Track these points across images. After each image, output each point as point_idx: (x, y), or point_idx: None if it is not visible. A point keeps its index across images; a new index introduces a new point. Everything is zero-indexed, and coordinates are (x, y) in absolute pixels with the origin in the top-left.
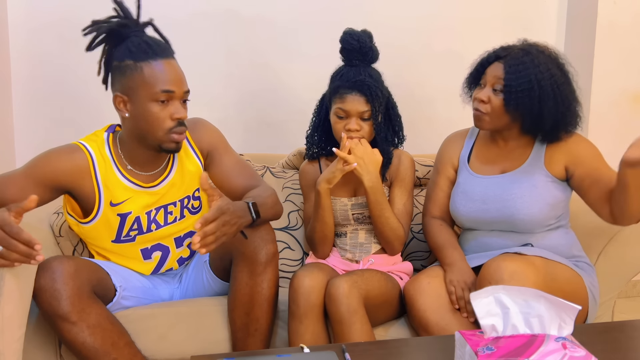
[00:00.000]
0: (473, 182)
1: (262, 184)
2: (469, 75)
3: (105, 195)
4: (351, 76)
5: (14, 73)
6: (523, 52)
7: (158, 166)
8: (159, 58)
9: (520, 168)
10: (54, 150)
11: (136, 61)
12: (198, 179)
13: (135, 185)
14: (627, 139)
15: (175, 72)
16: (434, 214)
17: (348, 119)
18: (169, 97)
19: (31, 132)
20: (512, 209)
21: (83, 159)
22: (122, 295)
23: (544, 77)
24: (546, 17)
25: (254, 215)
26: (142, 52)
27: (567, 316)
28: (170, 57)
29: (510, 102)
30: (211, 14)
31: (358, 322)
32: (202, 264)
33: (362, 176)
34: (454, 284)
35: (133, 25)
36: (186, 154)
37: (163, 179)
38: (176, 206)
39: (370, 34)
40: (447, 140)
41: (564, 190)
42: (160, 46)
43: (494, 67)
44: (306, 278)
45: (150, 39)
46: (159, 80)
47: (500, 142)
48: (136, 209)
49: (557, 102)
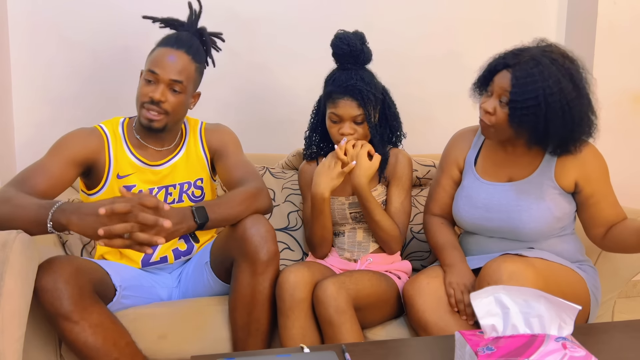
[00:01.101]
0: (478, 187)
1: (250, 182)
2: (478, 79)
3: (114, 167)
4: (343, 81)
5: (14, 73)
6: (534, 62)
7: (166, 144)
8: (166, 46)
9: (528, 178)
10: (75, 131)
11: (156, 45)
12: (202, 170)
13: (140, 162)
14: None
15: (169, 59)
16: (435, 212)
17: (341, 123)
18: (154, 78)
19: (31, 132)
20: (516, 220)
21: (99, 137)
22: (122, 295)
23: (552, 92)
24: (546, 17)
25: (198, 220)
26: (164, 40)
27: (567, 316)
28: (175, 48)
29: (515, 117)
30: (211, 14)
31: (347, 322)
32: (204, 265)
33: (359, 180)
34: (454, 287)
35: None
36: (195, 145)
37: (168, 160)
38: (175, 188)
39: (361, 35)
40: (455, 137)
41: (570, 202)
42: (177, 38)
43: (502, 77)
44: (291, 274)
45: (180, 35)
46: (152, 62)
47: (509, 148)
48: (140, 184)
49: (566, 120)
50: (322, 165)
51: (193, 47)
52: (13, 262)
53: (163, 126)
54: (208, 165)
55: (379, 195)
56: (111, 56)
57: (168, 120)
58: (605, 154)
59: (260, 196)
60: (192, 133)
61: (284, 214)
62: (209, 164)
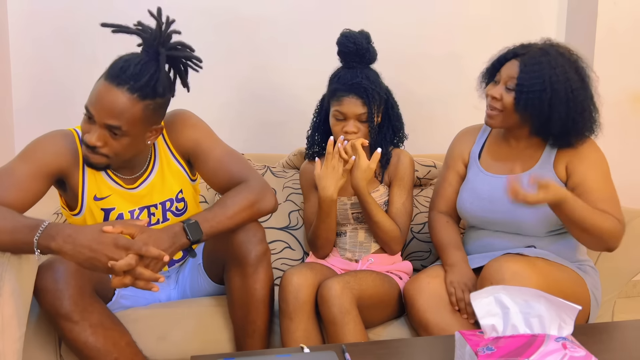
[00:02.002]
0: (482, 179)
1: (248, 181)
2: (485, 70)
3: (88, 189)
4: (348, 79)
5: (14, 73)
6: (542, 52)
7: (136, 171)
8: (106, 80)
9: (530, 170)
10: (48, 136)
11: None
12: (179, 182)
13: (116, 185)
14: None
15: (105, 99)
16: (440, 208)
17: (346, 121)
18: (90, 115)
19: (31, 132)
20: (519, 213)
21: (73, 149)
22: (120, 295)
23: (558, 80)
24: (546, 17)
25: (191, 237)
26: (107, 70)
27: (567, 316)
28: (115, 84)
29: (521, 101)
30: (211, 14)
31: (351, 322)
32: (197, 267)
33: (352, 177)
34: (454, 286)
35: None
36: (166, 156)
37: (143, 181)
38: (157, 208)
39: (367, 34)
40: (460, 135)
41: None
42: (120, 69)
43: (510, 65)
44: (294, 276)
45: (129, 62)
46: (90, 96)
47: (512, 141)
48: (119, 205)
49: (569, 107)
50: (326, 168)
51: (141, 81)
52: (13, 262)
53: (107, 165)
54: (185, 171)
55: (381, 196)
56: (111, 56)
57: (113, 161)
58: (605, 153)
59: (264, 199)
60: (160, 144)
61: (285, 213)
62: (185, 168)
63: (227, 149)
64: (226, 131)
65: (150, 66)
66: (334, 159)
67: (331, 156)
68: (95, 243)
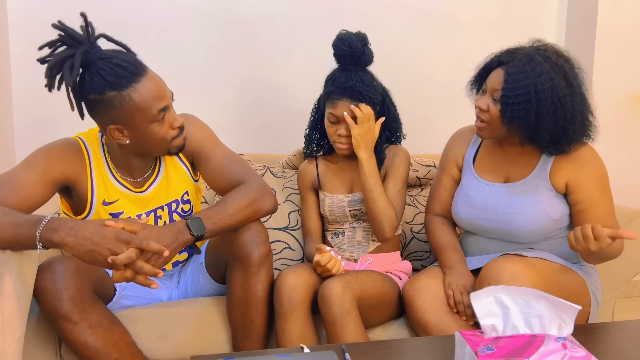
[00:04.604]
0: (476, 187)
1: (247, 180)
2: (473, 78)
3: (98, 194)
4: (342, 82)
5: (14, 73)
6: (526, 59)
7: (144, 173)
8: (140, 78)
9: (525, 180)
10: (54, 145)
11: (120, 90)
12: (184, 183)
13: (125, 189)
14: (627, 139)
15: (159, 84)
16: (436, 211)
17: (339, 124)
18: (165, 112)
19: (31, 132)
20: (512, 223)
21: (80, 156)
22: (121, 295)
23: (544, 89)
24: (546, 17)
25: (194, 233)
26: (122, 79)
27: (567, 316)
28: (146, 71)
29: (507, 113)
30: (211, 14)
31: (351, 322)
32: (199, 266)
33: (359, 150)
34: (453, 287)
35: (89, 48)
36: (171, 158)
37: (150, 184)
38: (164, 210)
39: (364, 36)
40: (454, 136)
41: (566, 203)
42: (132, 63)
43: (495, 74)
44: (289, 276)
45: (118, 59)
46: (152, 102)
47: (507, 147)
48: (127, 210)
49: (557, 115)
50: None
51: (135, 55)
52: (13, 262)
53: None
54: (189, 172)
55: None
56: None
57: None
58: (604, 154)
59: (264, 199)
60: None
61: (285, 213)
62: (190, 169)
63: (228, 152)
64: (226, 131)
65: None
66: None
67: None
68: (97, 236)
